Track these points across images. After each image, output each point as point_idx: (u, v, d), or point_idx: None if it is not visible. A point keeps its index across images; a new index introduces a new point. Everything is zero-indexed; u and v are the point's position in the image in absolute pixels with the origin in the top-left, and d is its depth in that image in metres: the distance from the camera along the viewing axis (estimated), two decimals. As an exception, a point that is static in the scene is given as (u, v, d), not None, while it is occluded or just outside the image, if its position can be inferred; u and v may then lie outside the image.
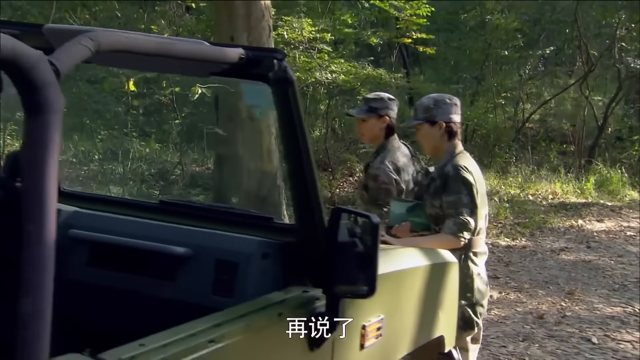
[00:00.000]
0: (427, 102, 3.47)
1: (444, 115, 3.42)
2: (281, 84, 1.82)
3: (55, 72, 1.32)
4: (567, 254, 8.46)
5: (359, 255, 1.87)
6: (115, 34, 1.49)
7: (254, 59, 1.80)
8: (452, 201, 3.29)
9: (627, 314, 6.20)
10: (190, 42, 1.71)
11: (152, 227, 2.16)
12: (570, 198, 12.33)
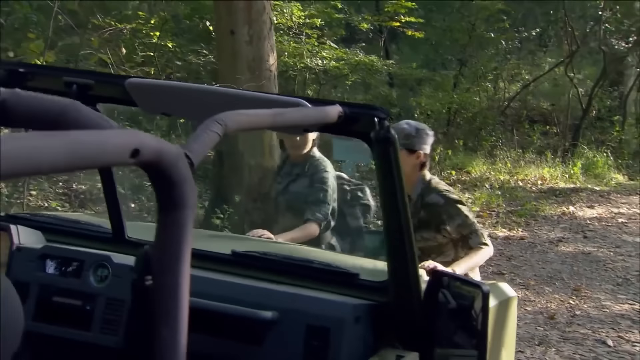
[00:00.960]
0: (409, 130, 3.33)
1: (422, 145, 3.35)
2: (383, 144, 1.69)
3: (190, 166, 1.21)
4: (566, 245, 8.44)
5: (463, 319, 1.76)
6: (239, 115, 1.35)
7: (352, 117, 1.68)
8: (461, 223, 3.36)
9: (636, 312, 6.18)
10: (297, 110, 1.56)
11: (231, 286, 1.99)
12: (559, 183, 12.34)
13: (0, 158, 0.83)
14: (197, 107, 1.94)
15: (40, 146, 0.89)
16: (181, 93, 1.84)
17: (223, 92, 1.78)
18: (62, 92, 1.98)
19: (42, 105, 1.20)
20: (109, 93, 2.03)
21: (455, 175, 11.83)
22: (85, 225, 2.40)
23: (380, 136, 1.70)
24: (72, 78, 1.97)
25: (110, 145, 1.08)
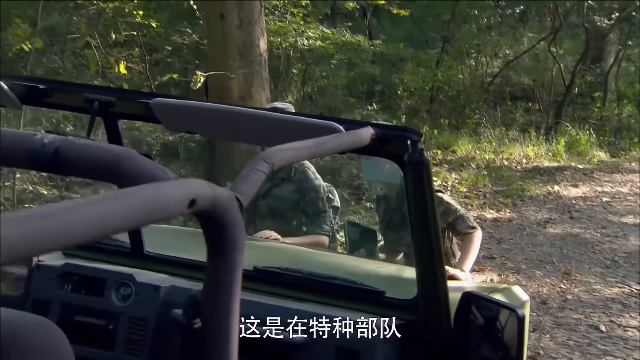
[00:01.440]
0: None
1: None
2: (416, 166, 1.66)
3: (240, 208, 1.19)
4: (554, 227, 8.51)
5: (496, 343, 1.74)
6: (283, 151, 1.32)
7: (384, 139, 1.66)
8: (444, 210, 3.41)
9: (626, 296, 6.26)
10: (334, 138, 1.53)
11: (257, 305, 1.96)
12: (544, 162, 12.41)
13: (71, 228, 0.80)
14: (222, 126, 1.90)
15: (107, 210, 0.86)
16: (207, 113, 1.80)
17: (251, 113, 1.74)
18: (83, 108, 1.93)
19: (95, 154, 1.17)
20: (130, 110, 1.98)
21: (441, 155, 11.85)
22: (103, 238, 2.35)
23: (414, 159, 1.67)
24: (94, 95, 1.92)
25: (169, 199, 1.05)
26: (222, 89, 6.64)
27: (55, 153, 1.16)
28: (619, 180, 11.86)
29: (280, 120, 1.74)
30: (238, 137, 2.47)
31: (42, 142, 1.17)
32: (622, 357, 5.01)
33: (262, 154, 1.33)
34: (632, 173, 12.59)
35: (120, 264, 2.19)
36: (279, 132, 1.82)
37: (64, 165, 1.16)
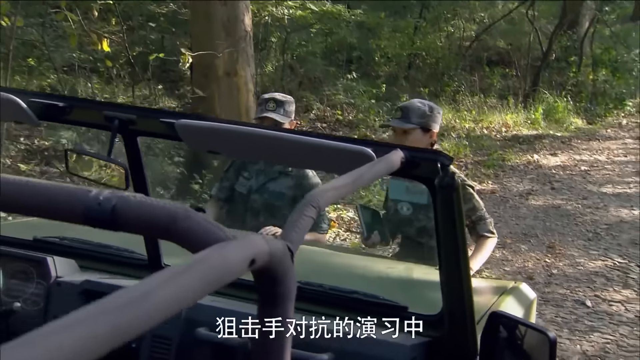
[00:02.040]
0: (424, 109, 3.29)
1: (435, 124, 3.33)
2: (447, 190, 1.67)
3: (291, 257, 1.19)
4: (536, 199, 8.61)
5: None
6: (328, 192, 1.31)
7: (413, 162, 1.66)
8: (471, 207, 3.35)
9: (609, 269, 6.38)
10: (369, 168, 1.52)
11: None
12: (522, 130, 12.51)
13: (152, 313, 0.81)
14: (248, 148, 1.89)
15: (183, 286, 0.87)
16: (232, 135, 1.78)
17: (278, 136, 1.72)
18: (102, 125, 1.91)
19: (152, 212, 1.15)
20: (150, 128, 1.96)
21: (422, 124, 11.87)
22: (119, 250, 2.33)
23: (445, 183, 1.67)
24: (113, 112, 1.89)
25: (231, 262, 1.05)
26: (207, 67, 6.57)
27: (113, 212, 1.15)
28: (596, 148, 12.00)
29: (308, 144, 1.72)
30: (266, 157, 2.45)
31: (98, 199, 1.15)
32: (608, 333, 5.12)
33: (308, 197, 1.32)
34: (608, 140, 12.75)
35: (137, 277, 2.17)
36: (306, 155, 1.81)
37: (121, 224, 1.15)
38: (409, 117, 3.26)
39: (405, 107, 3.33)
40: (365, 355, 1.87)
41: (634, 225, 7.74)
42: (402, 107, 3.34)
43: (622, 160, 11.12)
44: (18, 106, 1.81)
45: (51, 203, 1.19)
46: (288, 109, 3.57)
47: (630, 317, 5.41)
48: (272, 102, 3.54)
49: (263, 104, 3.56)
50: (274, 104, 3.53)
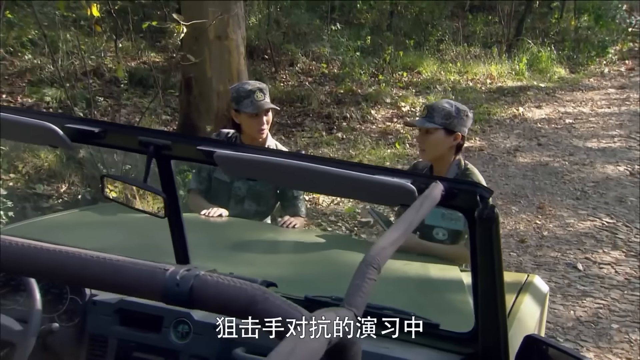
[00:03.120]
0: (449, 109, 3.24)
1: (462, 127, 3.27)
2: (487, 222, 1.70)
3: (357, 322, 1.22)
4: (523, 156, 8.70)
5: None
6: (385, 249, 1.34)
7: (452, 193, 1.69)
8: None
9: (598, 229, 6.51)
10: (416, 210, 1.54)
11: None
12: (507, 82, 12.53)
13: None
14: (286, 178, 1.89)
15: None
16: (270, 167, 1.78)
17: (316, 169, 1.73)
18: (136, 150, 1.91)
19: (229, 293, 1.18)
20: (183, 153, 1.96)
21: (407, 77, 11.84)
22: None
23: (485, 215, 1.70)
24: (148, 138, 1.89)
25: (314, 349, 1.09)
26: (197, 30, 6.46)
27: (190, 292, 1.17)
28: (580, 99, 12.07)
29: (348, 178, 1.73)
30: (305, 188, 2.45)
31: (175, 280, 1.17)
32: (600, 298, 5.26)
33: (367, 258, 1.34)
34: (591, 90, 12.82)
35: None
36: (346, 187, 1.82)
37: (199, 304, 1.17)
38: (432, 117, 3.23)
39: (430, 107, 3.29)
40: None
41: (619, 182, 7.87)
42: (428, 106, 3.30)
43: (606, 112, 11.21)
44: (54, 132, 1.82)
45: (130, 282, 1.22)
46: (268, 94, 3.62)
47: (620, 279, 5.55)
48: (259, 92, 3.56)
49: (250, 96, 3.54)
50: (261, 94, 3.55)
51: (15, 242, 1.24)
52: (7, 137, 1.96)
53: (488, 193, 1.73)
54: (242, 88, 3.62)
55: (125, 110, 9.76)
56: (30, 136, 2.05)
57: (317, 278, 2.60)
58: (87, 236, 2.86)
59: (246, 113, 3.55)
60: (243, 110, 3.55)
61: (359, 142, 8.80)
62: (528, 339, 1.87)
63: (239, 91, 3.61)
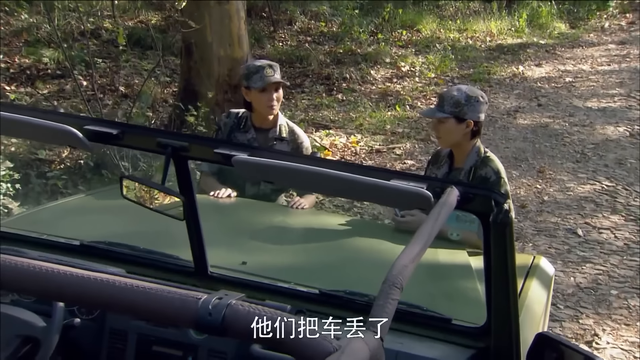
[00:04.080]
0: (458, 97, 3.24)
1: (473, 113, 3.26)
2: (501, 226, 1.75)
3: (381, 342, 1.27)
4: (523, 117, 8.71)
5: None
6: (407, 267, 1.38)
7: (467, 197, 1.73)
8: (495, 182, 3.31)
9: (598, 193, 6.57)
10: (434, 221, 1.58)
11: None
12: (507, 39, 12.46)
13: None
14: (304, 182, 1.92)
15: None
16: (286, 172, 1.81)
17: (334, 176, 1.75)
18: (155, 150, 1.94)
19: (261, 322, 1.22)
20: (200, 154, 1.99)
21: (406, 36, 11.76)
22: (164, 256, 2.39)
23: (499, 219, 1.74)
24: (166, 139, 1.92)
25: None
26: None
27: (223, 322, 1.21)
28: (580, 55, 12.03)
29: (363, 184, 1.75)
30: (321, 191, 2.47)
31: (208, 309, 1.21)
32: (600, 264, 5.34)
33: (390, 278, 1.38)
34: (591, 47, 12.76)
35: (183, 284, 2.24)
36: (363, 192, 1.85)
37: (231, 333, 1.22)
38: (443, 106, 3.25)
39: (441, 95, 3.32)
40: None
41: (619, 143, 7.90)
42: (439, 95, 3.33)
43: (606, 69, 11.18)
44: (74, 135, 1.85)
45: (163, 311, 1.26)
46: (279, 72, 3.65)
47: (620, 245, 5.63)
48: (269, 67, 3.59)
49: (260, 71, 3.56)
50: (271, 69, 3.58)
51: (49, 268, 1.27)
52: (28, 137, 2.00)
53: (503, 198, 1.76)
54: (252, 65, 3.66)
55: (124, 71, 9.72)
56: (51, 138, 2.08)
57: (329, 265, 2.65)
58: (97, 223, 2.91)
59: (255, 89, 3.57)
60: (252, 86, 3.58)
61: (359, 104, 8.79)
62: (540, 337, 1.92)
63: (249, 68, 3.65)
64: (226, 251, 2.55)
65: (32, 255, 1.94)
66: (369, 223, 4.78)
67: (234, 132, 3.72)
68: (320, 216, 3.44)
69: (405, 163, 7.17)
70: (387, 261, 2.68)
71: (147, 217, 2.31)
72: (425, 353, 2.01)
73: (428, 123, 8.12)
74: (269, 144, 3.70)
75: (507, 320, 1.90)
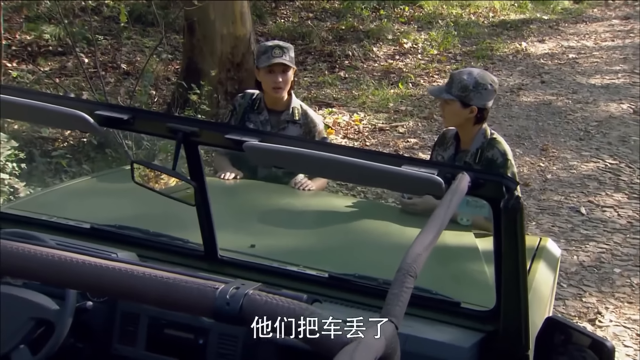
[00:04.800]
0: (467, 81, 3.21)
1: (479, 100, 3.23)
2: (512, 212, 1.76)
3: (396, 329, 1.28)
4: (527, 94, 8.69)
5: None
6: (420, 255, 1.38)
7: (478, 183, 1.74)
8: (501, 164, 3.31)
9: (601, 171, 6.57)
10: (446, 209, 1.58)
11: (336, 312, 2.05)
12: (510, 15, 12.38)
13: None
14: (312, 167, 1.93)
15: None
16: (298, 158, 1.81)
17: (343, 161, 1.76)
18: (165, 135, 1.95)
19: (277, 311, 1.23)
20: (211, 140, 2.00)
21: (408, 12, 11.69)
22: (174, 239, 2.41)
23: (511, 205, 1.75)
24: (177, 125, 1.93)
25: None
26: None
27: (241, 311, 1.23)
28: (583, 31, 11.96)
29: (374, 169, 1.76)
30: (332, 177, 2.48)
31: (226, 299, 1.23)
32: (603, 242, 5.36)
33: (404, 266, 1.38)
34: (595, 22, 12.70)
35: (193, 267, 2.26)
36: (372, 177, 1.86)
37: (249, 320, 1.23)
38: (450, 88, 3.24)
39: (451, 76, 3.31)
40: (422, 355, 1.99)
41: (622, 121, 7.89)
42: (450, 75, 3.32)
43: (610, 45, 11.13)
44: (86, 121, 1.86)
45: (181, 301, 1.27)
46: (291, 54, 3.61)
47: (623, 223, 5.65)
48: (278, 48, 3.56)
49: (268, 52, 3.56)
50: (279, 50, 3.55)
51: (69, 258, 1.29)
52: (40, 122, 2.01)
53: (514, 184, 1.77)
54: (264, 44, 3.66)
55: (126, 49, 9.68)
56: (62, 123, 2.09)
57: (337, 248, 2.67)
58: (105, 206, 2.92)
59: (262, 68, 3.57)
60: (259, 65, 3.59)
61: (362, 82, 8.76)
62: (549, 321, 1.94)
63: (260, 47, 3.67)
64: (234, 234, 2.57)
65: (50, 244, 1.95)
66: (375, 204, 4.80)
67: (248, 113, 3.72)
68: (327, 198, 3.45)
69: (408, 141, 7.17)
70: (394, 244, 2.72)
71: (155, 200, 2.33)
72: (435, 337, 2.03)
73: (431, 101, 8.11)
74: (280, 126, 3.70)
75: (516, 304, 1.92)
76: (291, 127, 3.69)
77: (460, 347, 2.01)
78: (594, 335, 1.95)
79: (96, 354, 2.21)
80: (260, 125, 3.70)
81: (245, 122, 3.71)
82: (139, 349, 2.19)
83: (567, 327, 1.93)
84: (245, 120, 3.71)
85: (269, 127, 3.68)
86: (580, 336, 1.94)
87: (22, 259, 1.25)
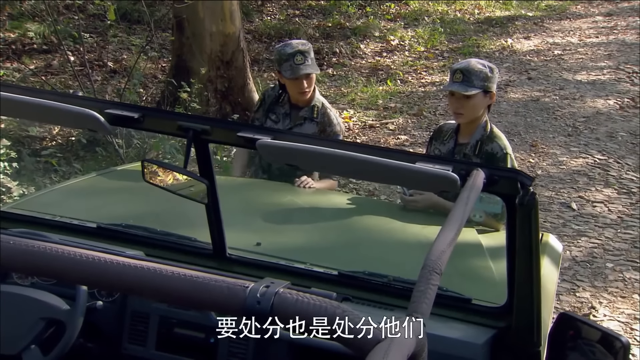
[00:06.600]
0: (485, 71, 3.21)
1: (494, 84, 3.28)
2: (527, 208, 1.77)
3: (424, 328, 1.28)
4: (514, 91, 8.72)
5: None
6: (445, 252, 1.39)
7: (493, 180, 1.74)
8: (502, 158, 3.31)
9: (590, 167, 6.62)
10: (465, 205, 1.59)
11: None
12: (495, 11, 12.43)
13: None
14: (326, 165, 1.93)
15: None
16: (311, 155, 1.81)
17: (356, 158, 1.76)
18: (176, 134, 1.94)
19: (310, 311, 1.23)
20: (221, 137, 1.99)
21: (395, 9, 11.71)
22: (182, 238, 2.39)
23: (526, 201, 1.76)
24: (188, 123, 1.92)
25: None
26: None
27: (272, 310, 1.22)
28: (567, 28, 12.03)
29: (390, 167, 1.76)
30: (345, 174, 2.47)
31: (256, 297, 1.22)
32: (594, 237, 5.41)
33: (429, 263, 1.39)
34: (579, 19, 12.76)
35: (202, 266, 2.25)
36: (387, 175, 1.85)
37: (281, 320, 1.23)
38: (470, 81, 3.18)
39: (466, 70, 3.21)
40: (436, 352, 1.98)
41: (609, 116, 7.95)
42: (463, 70, 3.21)
43: (594, 42, 11.20)
44: (96, 119, 1.85)
45: (211, 300, 1.26)
46: (312, 55, 3.57)
47: (613, 218, 5.69)
48: (299, 55, 3.50)
49: (290, 60, 3.50)
50: (302, 57, 3.50)
51: (97, 257, 1.27)
52: (50, 122, 1.99)
53: (529, 180, 1.78)
54: (284, 50, 3.57)
55: (112, 46, 9.62)
56: (72, 122, 2.07)
57: (342, 245, 2.67)
58: (110, 205, 2.90)
59: (286, 78, 3.56)
60: (285, 76, 3.57)
61: (350, 79, 8.77)
62: (562, 317, 1.94)
63: (280, 53, 3.59)
64: (240, 232, 2.56)
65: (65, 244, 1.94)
66: (376, 202, 4.81)
67: (274, 104, 3.78)
68: (330, 196, 3.44)
69: (399, 138, 7.18)
70: (398, 240, 2.73)
71: (160, 199, 2.31)
72: (447, 333, 2.04)
73: (420, 97, 8.14)
74: (298, 122, 3.72)
75: (529, 300, 1.93)
76: (307, 124, 3.70)
77: (474, 343, 2.02)
78: (607, 330, 1.95)
79: (106, 353, 2.20)
80: (281, 118, 3.74)
81: (270, 113, 3.76)
82: (149, 348, 2.17)
83: (580, 322, 1.94)
84: (270, 112, 3.77)
85: (289, 120, 3.73)
86: (593, 330, 1.95)
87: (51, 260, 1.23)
